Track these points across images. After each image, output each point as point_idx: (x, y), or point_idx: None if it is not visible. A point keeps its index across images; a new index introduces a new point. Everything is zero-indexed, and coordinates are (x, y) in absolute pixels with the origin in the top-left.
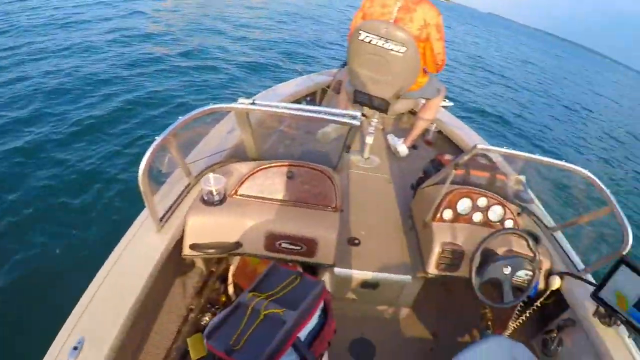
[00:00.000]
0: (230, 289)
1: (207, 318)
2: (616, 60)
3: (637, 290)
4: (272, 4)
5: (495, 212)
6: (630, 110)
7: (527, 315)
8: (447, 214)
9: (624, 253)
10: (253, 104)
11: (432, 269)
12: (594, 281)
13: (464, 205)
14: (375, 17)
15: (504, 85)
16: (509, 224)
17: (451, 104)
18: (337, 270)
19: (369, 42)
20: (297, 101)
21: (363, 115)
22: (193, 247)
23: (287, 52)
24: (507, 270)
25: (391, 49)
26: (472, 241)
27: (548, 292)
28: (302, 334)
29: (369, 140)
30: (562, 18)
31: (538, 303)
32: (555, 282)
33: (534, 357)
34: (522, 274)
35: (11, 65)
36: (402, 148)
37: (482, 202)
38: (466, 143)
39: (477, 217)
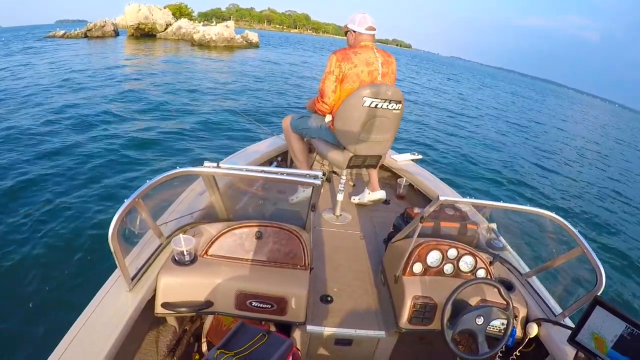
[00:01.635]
0: (204, 347)
1: None
2: (580, 90)
3: (614, 330)
4: (236, 69)
5: (467, 262)
6: (586, 134)
7: None
8: (417, 267)
9: (597, 294)
10: (218, 167)
11: (404, 324)
12: (572, 325)
13: (433, 257)
14: (364, 78)
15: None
16: (481, 273)
17: (420, 156)
18: (309, 327)
19: (375, 107)
20: (269, 161)
21: (333, 172)
22: (165, 305)
23: (258, 113)
24: (480, 321)
25: (393, 109)
26: (444, 293)
27: (526, 340)
28: None
29: (340, 197)
30: (519, 53)
31: (517, 352)
32: (533, 329)
33: None
34: (497, 323)
35: None
36: (369, 195)
37: (452, 253)
38: (435, 195)
39: (448, 268)
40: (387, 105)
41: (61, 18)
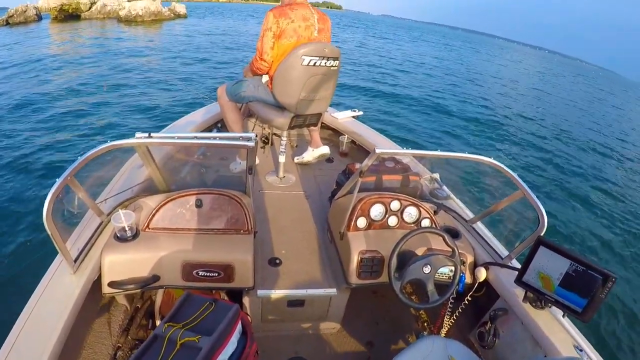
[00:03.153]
0: (158, 323)
1: None
2: (509, 39)
3: (559, 268)
4: (166, 41)
5: (410, 214)
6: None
7: (460, 310)
8: (362, 222)
9: (541, 234)
10: (149, 137)
11: (353, 279)
12: (519, 266)
13: (377, 211)
14: (301, 33)
15: (407, 84)
16: (425, 223)
17: (361, 112)
18: (260, 292)
19: (314, 65)
20: (209, 128)
21: (274, 135)
22: (112, 284)
23: (193, 82)
24: (427, 270)
25: (331, 65)
26: (389, 246)
27: (476, 285)
28: (222, 358)
29: (282, 159)
30: (449, 7)
31: (468, 297)
32: (482, 274)
33: (471, 352)
34: (446, 271)
35: None
36: (313, 152)
37: (395, 205)
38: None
39: (393, 220)
40: (325, 63)
41: None
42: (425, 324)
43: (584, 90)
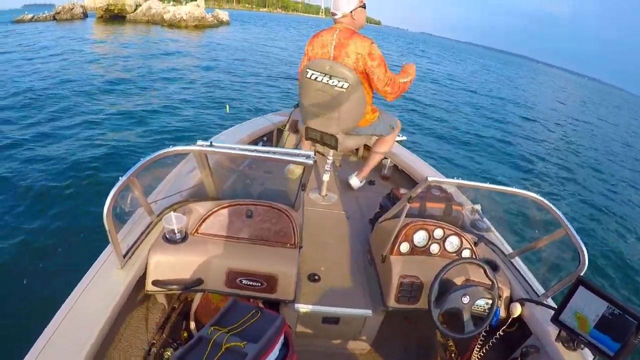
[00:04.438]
0: (192, 325)
1: (168, 353)
2: (548, 64)
3: (596, 310)
4: (212, 47)
5: (452, 243)
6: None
7: (491, 344)
8: (405, 247)
9: (580, 274)
10: (211, 145)
11: (391, 302)
12: (554, 305)
13: (420, 237)
14: (318, 58)
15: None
16: (466, 253)
17: (405, 138)
18: (297, 306)
19: (315, 80)
20: (254, 142)
21: (319, 153)
22: (155, 283)
23: (243, 94)
24: (466, 300)
25: (335, 85)
26: (430, 273)
27: (510, 320)
28: None
29: (326, 177)
30: (487, 28)
31: (500, 332)
32: (517, 310)
33: None
34: (482, 303)
35: None
36: (354, 181)
37: (438, 233)
38: (421, 176)
39: (435, 248)
40: (328, 80)
41: (28, 2)
42: (454, 355)
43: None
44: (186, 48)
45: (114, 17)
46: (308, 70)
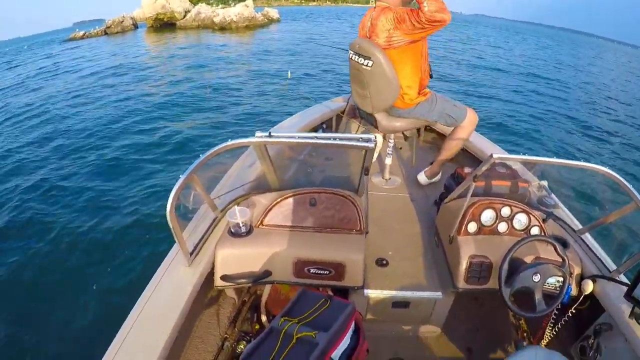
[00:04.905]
0: (263, 317)
1: (241, 346)
2: (609, 38)
3: None
4: (264, 45)
5: (520, 221)
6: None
7: (563, 322)
8: (472, 226)
9: None
10: (269, 136)
11: (461, 284)
12: (627, 281)
13: (487, 216)
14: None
15: (509, 88)
16: (535, 231)
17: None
18: (367, 291)
19: (351, 59)
20: (314, 129)
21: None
22: (224, 278)
23: (300, 82)
24: (537, 278)
25: (362, 64)
26: (499, 252)
27: (581, 298)
28: (335, 354)
29: (388, 161)
30: (543, 5)
31: (572, 309)
32: (588, 287)
33: None
34: (553, 281)
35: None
36: (422, 177)
37: (505, 211)
38: (484, 154)
39: (502, 227)
40: (357, 59)
41: (77, 20)
42: (525, 334)
43: None
44: (241, 49)
45: (164, 25)
46: (349, 50)
